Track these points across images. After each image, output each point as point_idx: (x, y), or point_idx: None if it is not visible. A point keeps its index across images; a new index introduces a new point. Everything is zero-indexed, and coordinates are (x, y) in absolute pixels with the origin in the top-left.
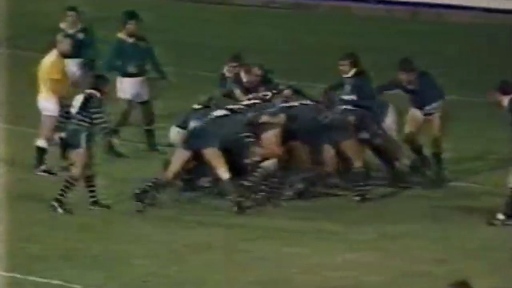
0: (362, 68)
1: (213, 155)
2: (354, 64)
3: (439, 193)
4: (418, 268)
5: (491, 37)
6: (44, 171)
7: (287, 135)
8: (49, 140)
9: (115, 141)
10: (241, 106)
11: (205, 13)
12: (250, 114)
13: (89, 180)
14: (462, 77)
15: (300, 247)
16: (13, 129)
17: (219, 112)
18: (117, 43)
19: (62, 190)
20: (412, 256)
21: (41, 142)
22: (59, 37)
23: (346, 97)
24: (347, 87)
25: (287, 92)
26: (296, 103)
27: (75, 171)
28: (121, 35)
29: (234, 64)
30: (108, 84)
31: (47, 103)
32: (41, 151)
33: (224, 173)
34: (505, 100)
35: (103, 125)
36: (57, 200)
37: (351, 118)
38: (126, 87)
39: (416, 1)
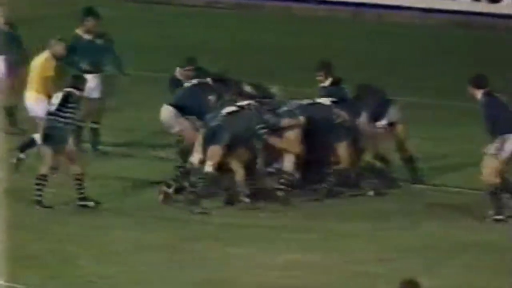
0: (337, 76)
1: (213, 152)
2: (329, 73)
3: (390, 193)
4: (361, 268)
5: (430, 37)
6: (19, 159)
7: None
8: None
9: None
10: (251, 102)
11: (149, 13)
12: (269, 117)
13: (41, 179)
14: (405, 77)
15: (244, 247)
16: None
17: (230, 109)
18: (73, 40)
19: (78, 189)
20: (354, 256)
21: (37, 136)
22: (53, 41)
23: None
24: (325, 96)
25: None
26: (310, 101)
27: (76, 168)
28: (79, 31)
29: (189, 68)
30: (86, 84)
31: (35, 104)
32: (31, 143)
33: (208, 167)
34: (479, 94)
35: (71, 122)
36: (82, 199)
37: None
38: None
39: (357, 2)
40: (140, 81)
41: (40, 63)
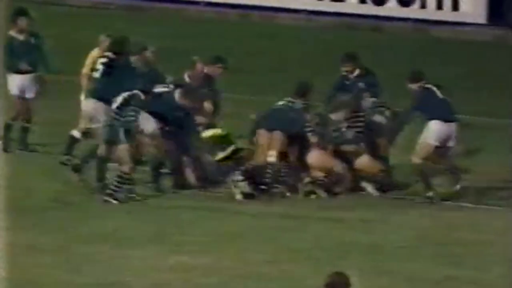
0: (363, 66)
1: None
2: (355, 64)
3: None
4: (252, 269)
5: (317, 38)
6: (68, 160)
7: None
8: (84, 132)
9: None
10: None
11: (37, 13)
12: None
13: (122, 176)
14: (292, 77)
15: (134, 250)
16: None
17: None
18: (8, 41)
19: (116, 186)
20: (246, 257)
21: (75, 132)
22: (102, 37)
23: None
24: (360, 85)
25: None
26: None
27: (125, 167)
28: (12, 32)
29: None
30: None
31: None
32: (73, 140)
33: (271, 156)
34: (415, 87)
35: (129, 122)
36: (110, 195)
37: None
38: (15, 83)
39: (245, 4)
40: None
41: (92, 61)
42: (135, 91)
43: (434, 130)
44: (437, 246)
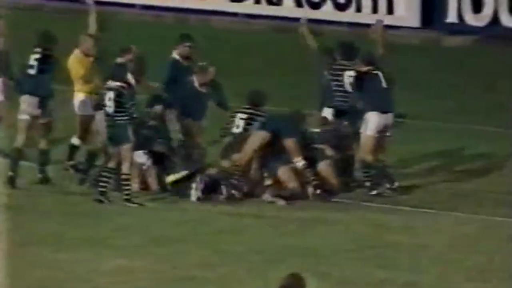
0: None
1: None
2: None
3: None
4: (189, 272)
5: (254, 41)
6: (72, 166)
7: None
8: (82, 138)
9: None
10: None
11: None
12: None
13: (108, 171)
14: (233, 81)
15: (72, 253)
16: None
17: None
18: None
19: (128, 189)
20: (181, 261)
21: (74, 140)
22: (82, 36)
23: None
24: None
25: None
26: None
27: (126, 167)
28: None
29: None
30: (126, 74)
31: (78, 102)
32: (73, 148)
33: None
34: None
35: (131, 119)
36: (129, 200)
37: None
38: None
39: (183, 7)
40: None
41: (72, 62)
42: (117, 86)
43: (372, 122)
44: (372, 249)
